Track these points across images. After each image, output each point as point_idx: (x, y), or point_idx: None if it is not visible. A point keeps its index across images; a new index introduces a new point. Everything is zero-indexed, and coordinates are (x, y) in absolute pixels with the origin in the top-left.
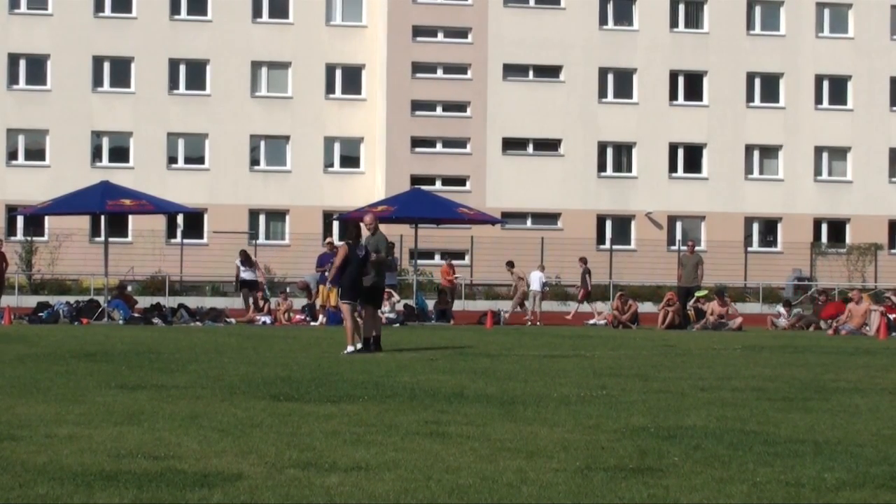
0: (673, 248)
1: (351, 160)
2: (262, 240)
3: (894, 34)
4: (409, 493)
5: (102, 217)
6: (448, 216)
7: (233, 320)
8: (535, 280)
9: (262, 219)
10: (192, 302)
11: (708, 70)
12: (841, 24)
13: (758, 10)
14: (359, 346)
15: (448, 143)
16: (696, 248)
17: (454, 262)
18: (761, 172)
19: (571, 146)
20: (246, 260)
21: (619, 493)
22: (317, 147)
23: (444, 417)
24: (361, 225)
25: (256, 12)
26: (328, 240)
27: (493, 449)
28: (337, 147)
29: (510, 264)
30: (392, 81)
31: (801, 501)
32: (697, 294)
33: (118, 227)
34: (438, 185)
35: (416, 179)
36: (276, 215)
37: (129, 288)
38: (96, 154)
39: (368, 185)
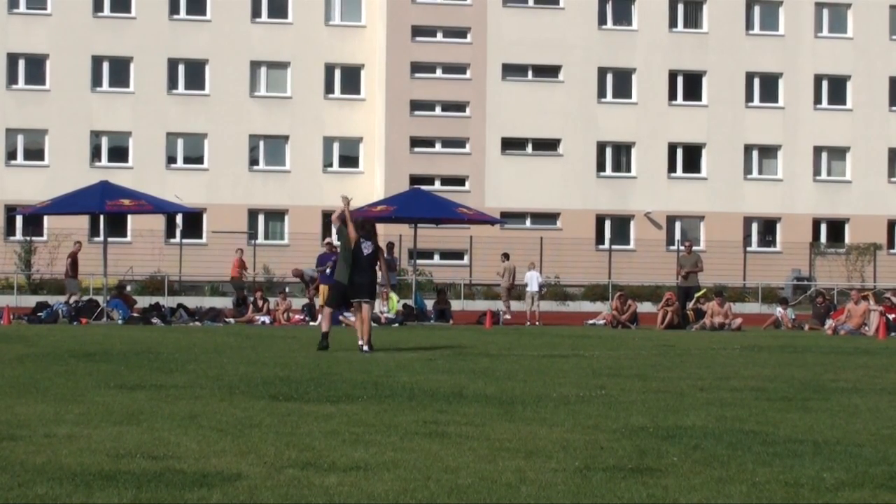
0: (672, 248)
1: (350, 160)
2: (261, 239)
3: (893, 34)
4: (408, 493)
5: (101, 217)
6: (447, 216)
7: (231, 320)
8: (533, 280)
9: (261, 219)
10: (191, 302)
11: (707, 70)
12: (840, 23)
13: (757, 9)
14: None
15: (447, 142)
16: (696, 248)
17: (454, 261)
18: (760, 172)
19: (570, 146)
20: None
21: (618, 493)
22: (316, 147)
23: (442, 417)
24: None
25: (255, 12)
26: (327, 240)
27: (492, 449)
28: (336, 147)
29: (505, 256)
30: (391, 81)
31: (800, 501)
32: (697, 295)
33: (117, 226)
34: (437, 184)
35: (415, 179)
36: (276, 215)
37: (129, 288)
38: (95, 154)
39: (368, 185)
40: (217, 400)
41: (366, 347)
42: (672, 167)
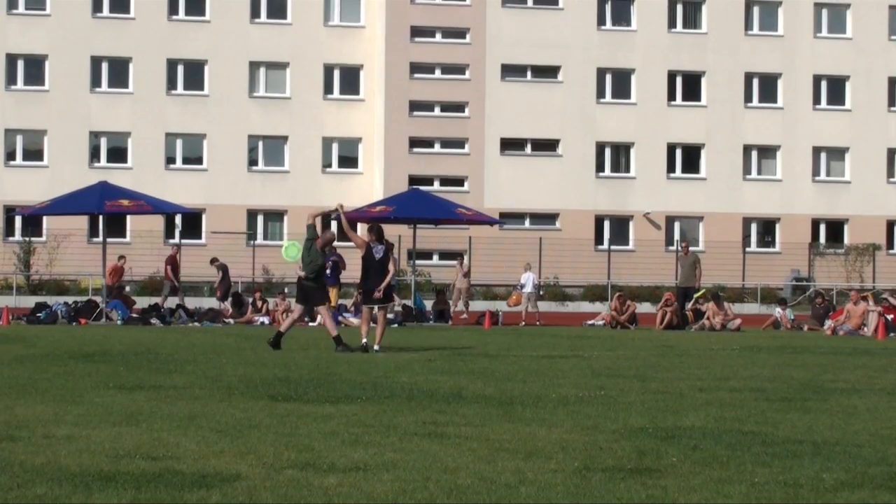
0: (671, 248)
1: (349, 160)
2: (260, 240)
3: (892, 34)
4: (408, 494)
5: (101, 217)
6: (446, 217)
7: (230, 321)
8: (529, 281)
9: (260, 219)
10: (191, 302)
11: (706, 70)
12: (839, 24)
13: (756, 10)
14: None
15: (446, 143)
16: (695, 248)
17: (453, 262)
18: (759, 173)
19: (570, 146)
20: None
21: (617, 493)
22: (315, 147)
23: (442, 418)
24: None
25: (254, 12)
26: None
27: (492, 449)
28: (335, 147)
29: (461, 258)
30: (390, 82)
31: (800, 502)
32: (696, 295)
33: (116, 227)
34: (437, 185)
35: (414, 180)
36: (275, 216)
37: (128, 288)
38: (94, 154)
39: (366, 186)
40: (216, 400)
41: (376, 347)
42: (671, 167)
